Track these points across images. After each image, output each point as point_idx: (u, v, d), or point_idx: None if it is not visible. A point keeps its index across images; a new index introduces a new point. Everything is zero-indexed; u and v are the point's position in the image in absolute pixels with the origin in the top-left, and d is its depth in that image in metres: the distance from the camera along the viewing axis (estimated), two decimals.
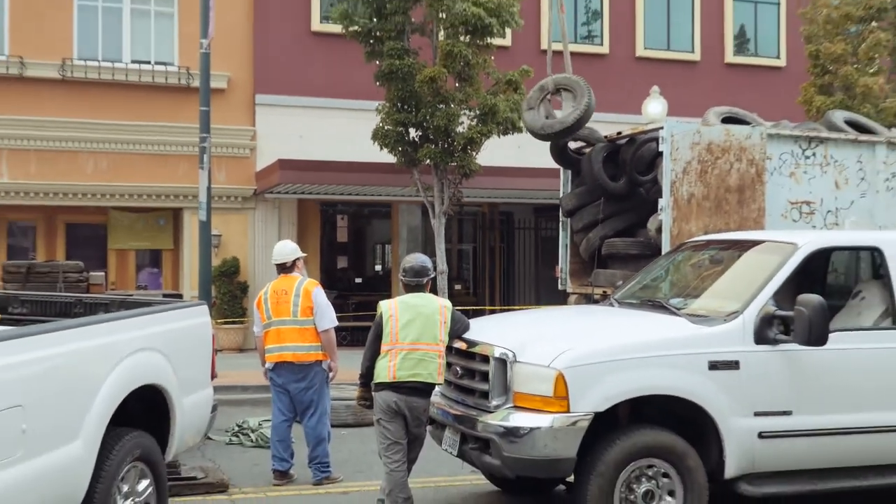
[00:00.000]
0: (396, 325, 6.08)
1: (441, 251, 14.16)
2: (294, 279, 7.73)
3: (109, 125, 16.74)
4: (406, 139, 14.02)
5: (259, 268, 17.28)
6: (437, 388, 6.31)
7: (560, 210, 10.73)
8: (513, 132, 13.96)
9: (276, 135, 17.46)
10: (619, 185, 9.85)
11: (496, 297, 19.94)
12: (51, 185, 16.45)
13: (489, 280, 20.26)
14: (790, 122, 10.61)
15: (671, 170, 8.75)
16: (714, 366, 5.65)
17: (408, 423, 6.11)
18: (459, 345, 6.25)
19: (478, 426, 5.77)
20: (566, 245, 10.67)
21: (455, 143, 13.68)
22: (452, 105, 13.62)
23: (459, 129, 13.74)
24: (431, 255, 13.85)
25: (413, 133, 14.05)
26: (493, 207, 20.06)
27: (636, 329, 6.07)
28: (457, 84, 13.75)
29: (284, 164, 15.80)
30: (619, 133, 10.13)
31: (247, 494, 7.38)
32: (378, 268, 20.56)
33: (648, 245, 9.29)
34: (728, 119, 10.01)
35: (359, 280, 19.84)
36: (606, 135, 10.30)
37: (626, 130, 10.10)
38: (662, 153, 8.85)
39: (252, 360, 11.30)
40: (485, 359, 5.92)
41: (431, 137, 13.76)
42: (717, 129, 9.04)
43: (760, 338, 5.76)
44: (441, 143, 13.74)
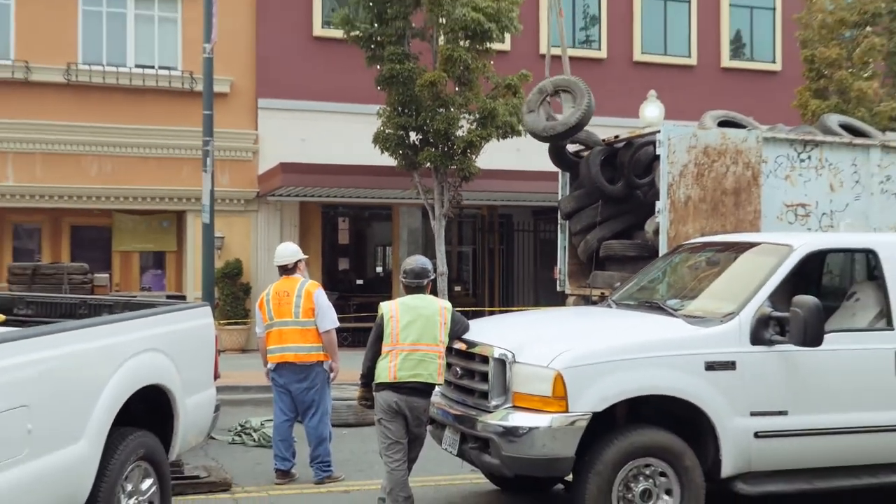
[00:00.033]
0: (397, 327, 6.08)
1: (441, 253, 14.15)
2: (296, 281, 7.73)
3: (114, 129, 16.75)
4: (406, 143, 14.02)
5: (261, 269, 17.27)
6: (438, 389, 6.30)
7: (558, 212, 10.73)
8: (512, 136, 13.96)
9: (279, 138, 17.46)
10: (617, 188, 9.85)
11: (495, 299, 19.94)
12: (56, 188, 16.46)
13: (489, 282, 20.25)
14: (786, 126, 10.62)
15: (668, 173, 8.75)
16: (711, 366, 5.65)
17: (408, 423, 6.11)
18: (459, 345, 6.25)
19: (477, 426, 5.77)
20: (564, 247, 10.67)
21: (455, 147, 13.68)
22: (452, 109, 13.61)
23: (459, 133, 13.73)
24: (432, 257, 13.85)
25: (413, 136, 14.05)
26: (493, 210, 20.06)
27: (634, 330, 6.07)
28: (457, 88, 13.75)
29: (286, 168, 15.80)
30: (617, 137, 10.13)
31: (249, 493, 7.38)
32: (379, 269, 20.56)
33: (646, 247, 9.29)
34: (724, 123, 10.01)
35: (360, 282, 19.84)
36: (604, 138, 10.30)
37: (624, 134, 10.10)
38: (659, 156, 8.84)
39: (254, 361, 11.27)
40: (484, 359, 5.92)
41: (431, 141, 13.76)
42: (714, 133, 9.04)
43: (756, 338, 5.76)
44: (441, 147, 13.74)
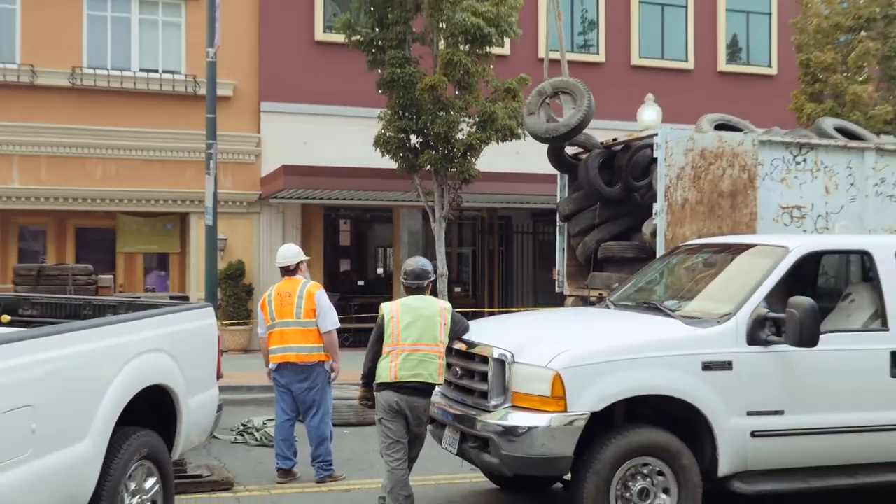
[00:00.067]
0: (398, 327, 6.07)
1: (441, 254, 14.14)
2: (297, 282, 7.72)
3: (118, 132, 16.76)
4: (407, 145, 14.02)
5: (264, 271, 17.28)
6: (438, 389, 6.30)
7: (557, 214, 10.72)
8: (511, 139, 13.96)
9: (281, 141, 17.47)
10: (615, 191, 9.85)
11: (495, 300, 19.93)
12: (61, 190, 16.46)
13: (488, 283, 20.25)
14: (781, 129, 10.62)
15: (665, 175, 8.75)
16: (708, 366, 5.64)
17: (409, 423, 6.10)
18: (459, 346, 6.24)
19: (477, 425, 5.76)
20: (563, 248, 10.66)
21: (455, 150, 13.68)
22: (452, 112, 13.61)
23: (459, 136, 13.73)
24: (432, 259, 13.84)
25: (414, 139, 14.05)
26: (492, 212, 20.06)
27: (631, 330, 6.06)
28: (456, 92, 13.75)
29: (289, 170, 15.80)
30: (615, 140, 10.13)
31: (251, 492, 7.37)
32: (380, 271, 20.55)
33: (643, 248, 9.29)
34: (721, 126, 10.01)
35: (361, 283, 19.83)
36: (602, 141, 10.30)
37: (622, 137, 10.10)
38: (657, 159, 8.84)
39: (256, 361, 11.24)
40: (484, 359, 5.92)
41: (432, 144, 13.75)
42: (711, 136, 9.03)
43: (753, 339, 5.75)
44: (441, 150, 13.74)
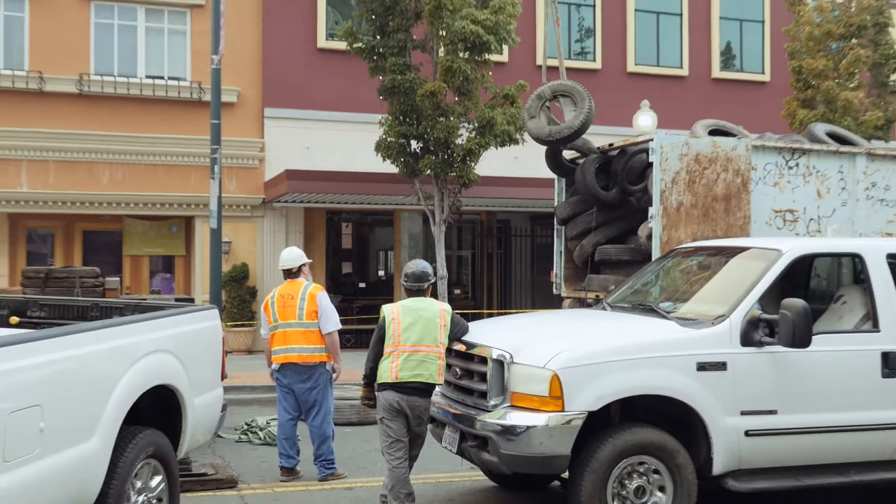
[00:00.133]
0: (398, 328, 6.07)
1: (441, 257, 14.14)
2: (300, 284, 7.72)
3: (124, 137, 16.76)
4: (408, 150, 14.02)
5: (267, 273, 17.28)
6: (438, 389, 6.29)
7: (555, 218, 10.71)
8: (510, 144, 13.96)
9: (284, 146, 17.47)
10: (611, 195, 9.84)
11: (494, 301, 19.92)
12: (68, 195, 16.45)
13: (487, 285, 20.23)
14: (774, 135, 10.60)
15: (661, 179, 8.74)
16: (702, 367, 5.64)
17: (409, 422, 6.10)
18: (459, 347, 6.24)
19: (476, 425, 5.76)
20: (560, 251, 10.65)
21: (454, 155, 13.68)
22: (452, 118, 13.62)
23: (459, 141, 13.73)
24: (432, 261, 13.85)
25: (414, 145, 14.05)
26: (491, 215, 20.05)
27: (628, 332, 6.06)
28: (456, 98, 13.75)
29: (291, 175, 15.79)
30: (611, 145, 10.12)
31: (255, 490, 7.36)
32: (381, 273, 20.52)
33: (639, 251, 9.27)
34: (715, 131, 10.00)
35: (362, 285, 19.80)
36: (599, 146, 10.29)
37: (618, 142, 10.09)
38: (652, 164, 8.83)
39: (260, 362, 11.27)
40: (483, 360, 5.91)
41: (432, 149, 13.75)
42: (705, 141, 9.03)
43: (746, 340, 5.75)
44: (441, 155, 13.74)
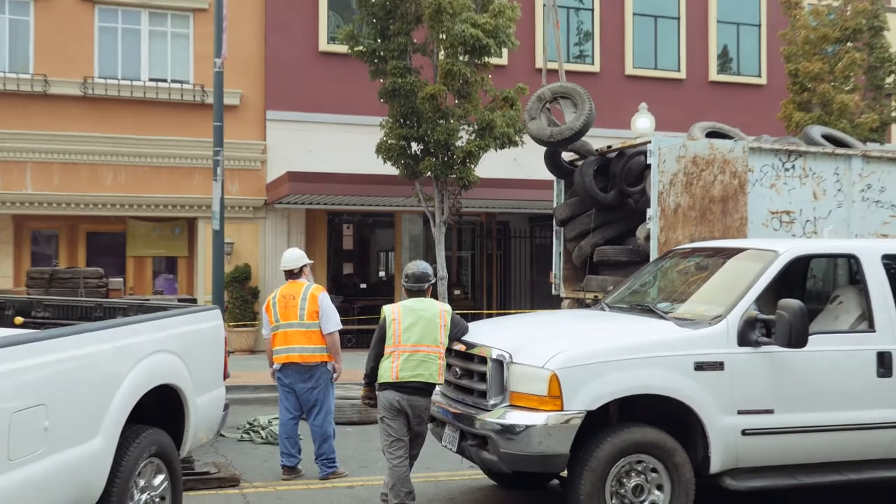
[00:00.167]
0: (399, 329, 6.07)
1: (441, 258, 14.13)
2: (301, 285, 7.72)
3: (128, 139, 16.76)
4: (408, 153, 14.01)
5: (269, 274, 17.28)
6: (438, 388, 6.29)
7: (553, 219, 10.71)
8: (509, 146, 13.95)
9: (286, 148, 17.48)
10: (610, 196, 9.84)
11: (493, 302, 19.92)
12: (73, 196, 16.46)
13: (487, 285, 20.23)
14: (770, 137, 10.60)
15: (658, 181, 8.74)
16: (700, 366, 5.64)
17: (410, 421, 6.10)
18: (459, 347, 6.24)
19: (476, 424, 5.76)
20: (559, 252, 10.65)
21: (454, 157, 13.67)
22: (452, 120, 13.61)
23: (458, 144, 13.72)
24: (432, 262, 13.85)
25: (415, 147, 14.05)
26: (491, 217, 20.05)
27: (626, 332, 6.06)
28: (456, 101, 13.75)
29: (293, 176, 15.80)
30: (610, 147, 10.13)
31: (257, 489, 7.36)
32: (382, 274, 20.52)
33: (637, 252, 9.28)
34: (712, 134, 10.01)
35: (363, 286, 19.80)
36: (597, 148, 10.29)
37: (616, 144, 10.09)
38: (650, 166, 8.83)
39: (262, 362, 11.27)
40: (483, 360, 5.91)
41: (432, 151, 13.75)
42: (702, 143, 9.03)
43: (743, 340, 5.75)
44: (441, 157, 13.73)
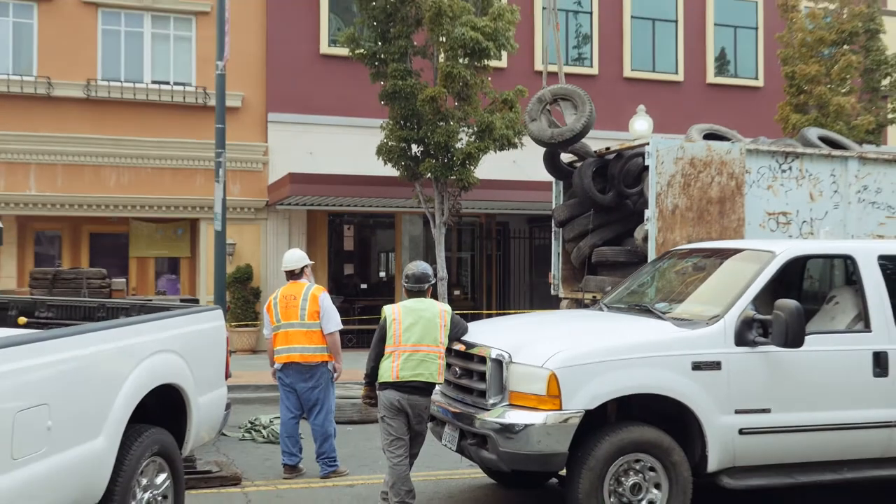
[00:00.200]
0: (399, 329, 6.07)
1: (441, 259, 14.13)
2: (302, 285, 7.71)
3: (131, 141, 16.77)
4: (408, 154, 14.02)
5: (270, 274, 17.28)
6: (438, 388, 6.29)
7: (552, 220, 10.72)
8: (508, 148, 13.96)
9: (287, 150, 17.49)
10: (608, 198, 9.84)
11: (493, 302, 19.92)
12: (76, 198, 16.47)
13: (486, 286, 20.23)
14: (767, 139, 10.62)
15: (656, 183, 8.74)
16: (697, 366, 5.63)
17: (410, 420, 6.09)
18: (458, 347, 6.23)
19: (476, 423, 5.75)
20: (558, 253, 10.65)
21: (454, 158, 13.67)
22: (452, 122, 13.61)
23: (458, 145, 13.73)
24: (432, 263, 13.85)
25: (415, 149, 14.05)
26: (490, 218, 20.05)
27: (624, 332, 6.05)
28: (456, 103, 13.75)
29: (295, 178, 15.80)
30: (608, 149, 10.13)
31: (259, 487, 7.36)
32: (382, 274, 20.52)
33: (635, 253, 9.28)
34: (709, 135, 10.01)
35: (364, 286, 19.80)
36: (596, 150, 10.30)
37: (614, 146, 10.10)
38: (648, 167, 8.84)
39: (264, 361, 11.25)
40: (482, 360, 5.91)
41: (432, 153, 13.75)
42: (700, 145, 9.03)
43: (741, 340, 5.74)
44: (441, 158, 13.73)
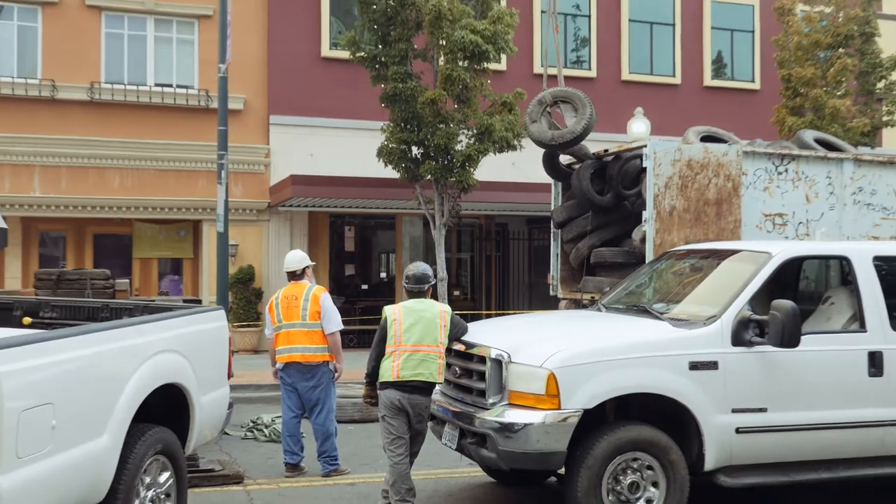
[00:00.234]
0: (400, 329, 6.07)
1: (441, 260, 14.14)
2: (303, 286, 7.72)
3: (134, 143, 16.77)
4: (409, 156, 14.03)
5: (272, 275, 17.28)
6: (438, 387, 6.29)
7: (551, 222, 10.73)
8: (508, 150, 13.97)
9: (289, 152, 17.49)
10: (606, 199, 9.85)
11: (492, 303, 19.92)
12: (80, 199, 16.47)
13: (486, 286, 20.23)
14: (764, 141, 10.63)
15: (654, 184, 8.76)
16: (694, 366, 5.64)
17: (410, 420, 6.10)
18: (458, 347, 6.24)
19: (475, 422, 5.76)
20: (557, 254, 10.67)
21: (454, 160, 13.68)
22: (452, 125, 13.62)
23: (458, 147, 13.74)
24: (432, 264, 13.86)
25: (415, 151, 14.06)
26: (490, 219, 20.05)
27: (622, 332, 6.06)
28: (456, 105, 13.76)
29: (296, 180, 15.81)
30: (606, 151, 10.14)
31: (261, 486, 7.36)
32: (383, 275, 20.52)
33: (633, 254, 9.29)
34: (706, 138, 10.03)
35: (365, 287, 19.79)
36: (594, 152, 10.30)
37: (613, 148, 10.11)
38: (646, 169, 8.85)
39: (266, 361, 11.24)
40: (482, 360, 5.91)
41: (432, 155, 13.76)
42: (697, 147, 9.04)
43: (737, 340, 5.75)
44: (441, 160, 13.74)
